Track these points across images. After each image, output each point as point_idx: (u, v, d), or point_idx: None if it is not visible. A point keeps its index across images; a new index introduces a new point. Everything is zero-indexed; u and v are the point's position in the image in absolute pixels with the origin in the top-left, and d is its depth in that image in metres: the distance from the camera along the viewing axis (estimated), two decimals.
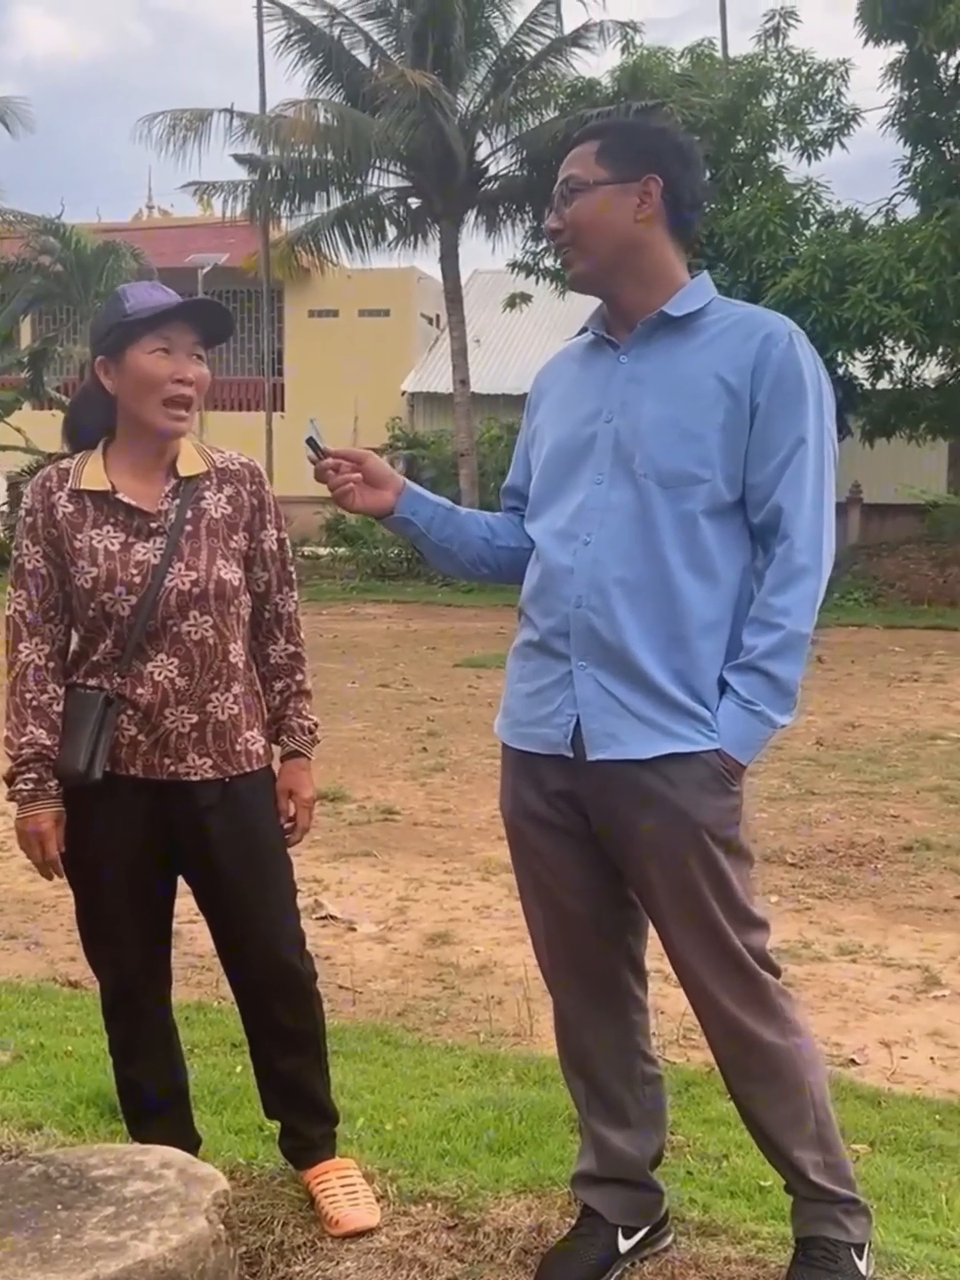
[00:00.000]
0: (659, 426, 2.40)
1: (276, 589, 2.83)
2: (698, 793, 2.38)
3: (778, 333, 2.40)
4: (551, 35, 23.19)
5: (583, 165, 2.47)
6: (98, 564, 2.65)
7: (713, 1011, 2.49)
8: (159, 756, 2.69)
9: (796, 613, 2.36)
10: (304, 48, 23.06)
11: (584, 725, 2.42)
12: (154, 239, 29.77)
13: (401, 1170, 2.94)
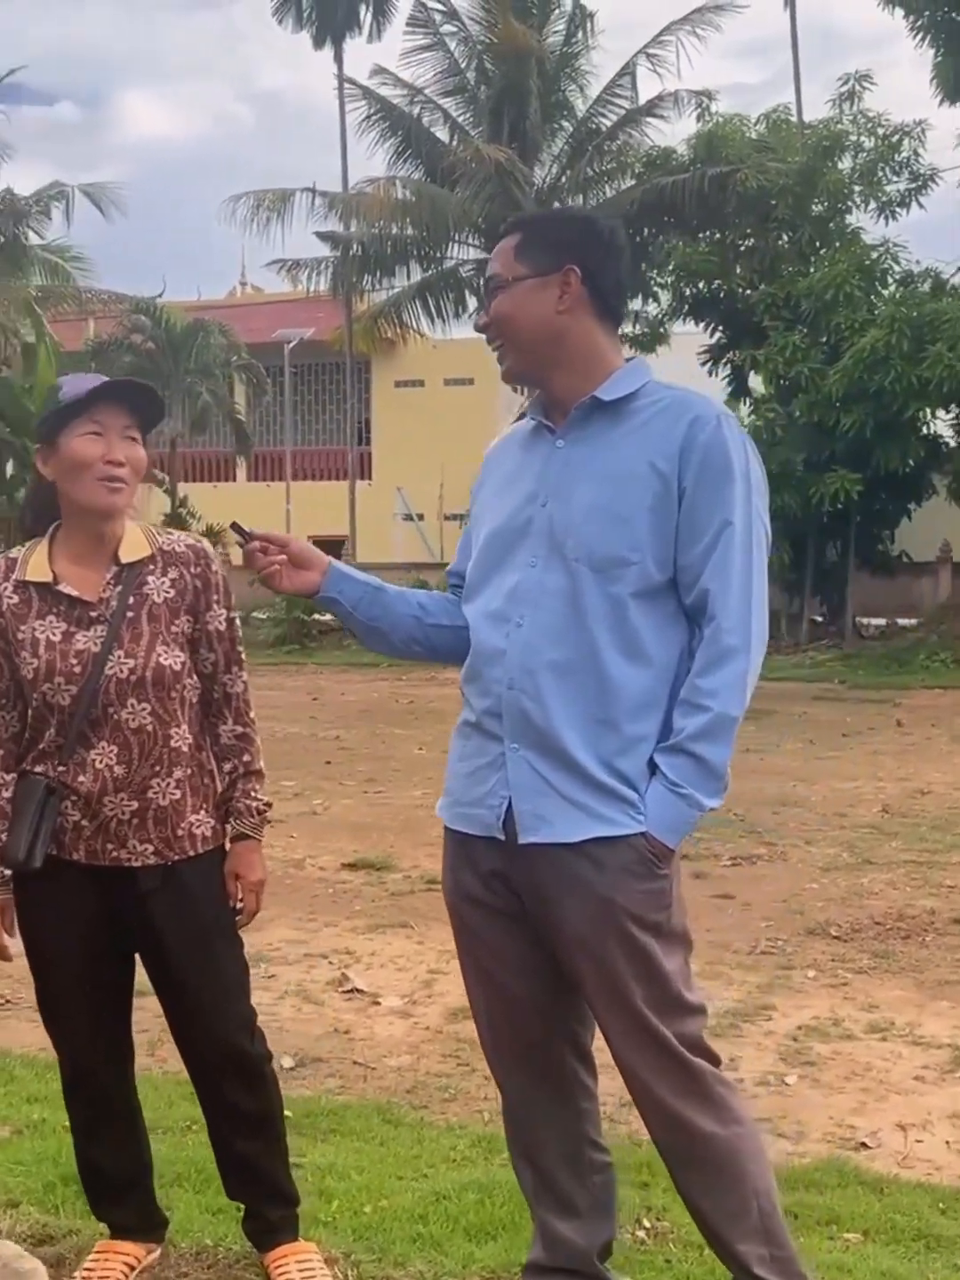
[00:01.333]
0: (590, 511, 2.43)
1: (224, 669, 2.84)
2: (623, 877, 2.37)
3: (704, 416, 2.41)
4: (627, 106, 23.50)
5: (503, 262, 2.51)
6: (39, 655, 2.70)
7: (648, 1100, 2.47)
8: (101, 842, 2.72)
9: (724, 694, 2.36)
10: (384, 126, 23.61)
11: (515, 807, 2.44)
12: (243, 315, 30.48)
13: (368, 1255, 2.92)
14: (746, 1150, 2.49)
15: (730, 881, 7.20)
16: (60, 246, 27.82)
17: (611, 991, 2.41)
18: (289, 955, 5.78)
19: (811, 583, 22.34)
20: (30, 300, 25.81)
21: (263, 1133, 2.88)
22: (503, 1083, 2.68)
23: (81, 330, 28.67)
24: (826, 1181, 3.55)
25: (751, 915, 6.53)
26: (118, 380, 2.77)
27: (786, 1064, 4.56)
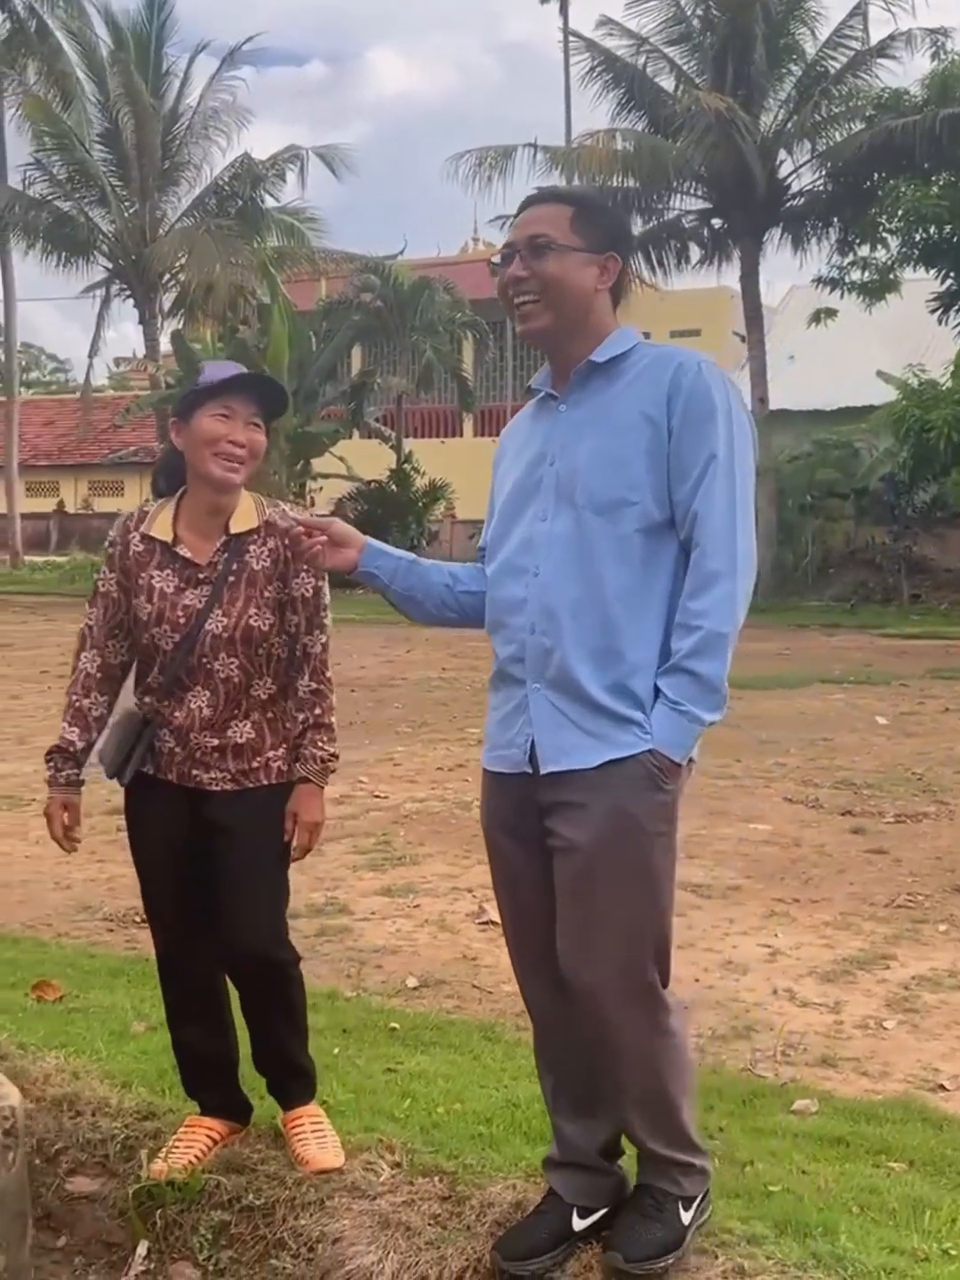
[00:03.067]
0: (593, 460, 2.68)
1: (306, 631, 3.19)
2: (633, 790, 2.61)
3: (688, 363, 2.67)
4: (857, 47, 22.83)
5: (556, 227, 2.71)
6: (152, 601, 3.11)
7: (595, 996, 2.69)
8: (189, 768, 3.15)
9: (714, 613, 2.58)
10: (608, 78, 23.53)
11: (537, 741, 2.69)
12: (469, 272, 30.84)
13: (426, 1147, 3.22)
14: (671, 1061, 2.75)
15: (887, 837, 7.23)
16: (295, 208, 28.68)
17: (616, 906, 2.63)
18: (438, 888, 6.13)
19: None
20: (266, 262, 26.78)
21: (286, 1021, 3.27)
22: (527, 996, 2.93)
23: (314, 290, 29.57)
24: (889, 1116, 3.69)
25: (900, 870, 6.57)
26: (250, 373, 3.17)
27: (890, 1010, 4.66)
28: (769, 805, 8.04)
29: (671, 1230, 2.74)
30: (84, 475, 43.67)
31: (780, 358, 30.15)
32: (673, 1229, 2.74)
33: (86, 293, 29.21)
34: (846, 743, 10.28)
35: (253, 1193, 3.05)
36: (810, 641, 18.78)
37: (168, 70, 28.61)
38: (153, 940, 3.35)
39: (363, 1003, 4.55)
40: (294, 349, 25.24)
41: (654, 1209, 2.75)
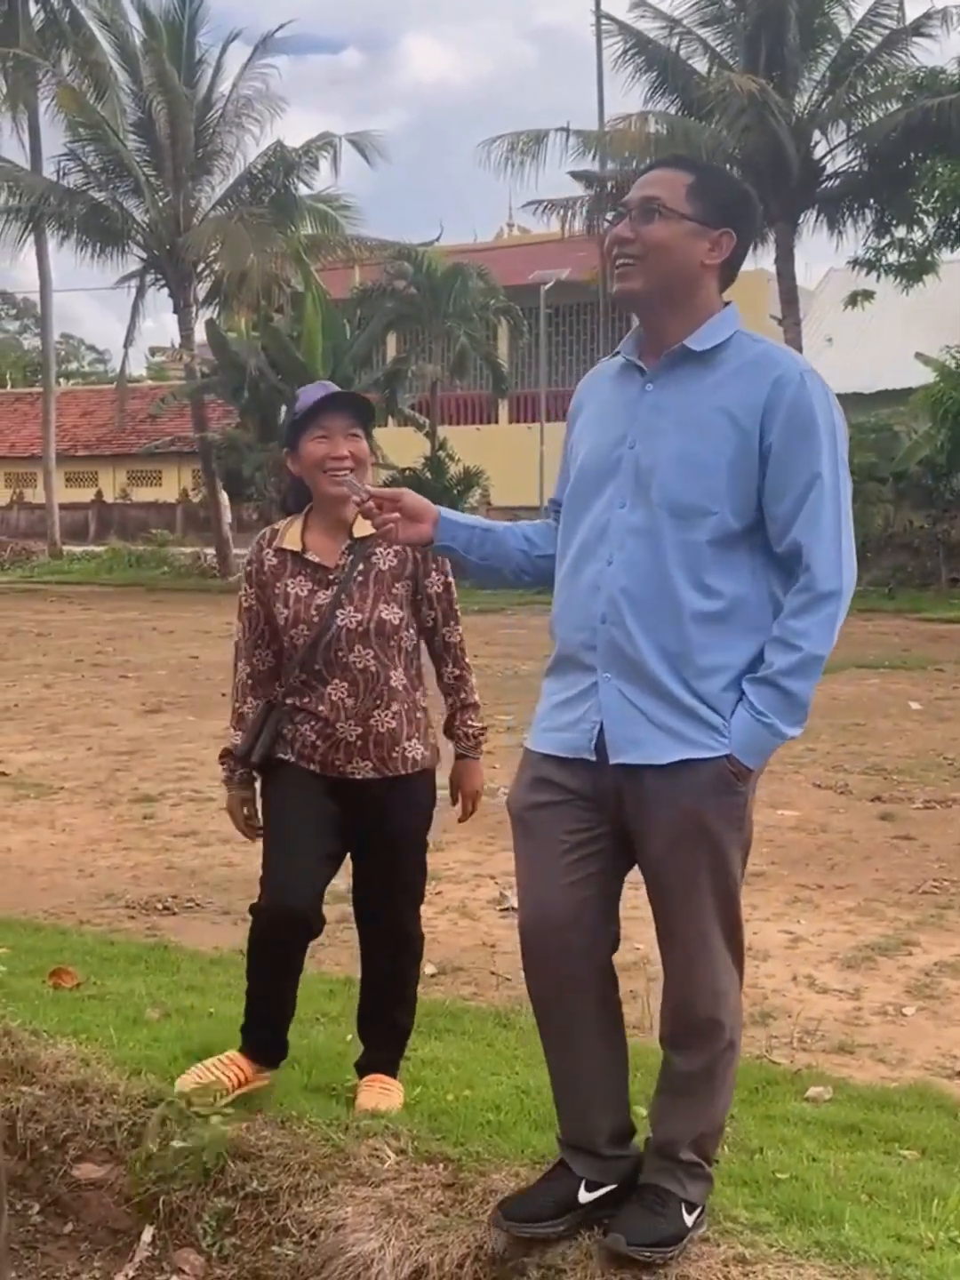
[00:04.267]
0: (674, 459, 2.61)
1: (444, 623, 3.50)
2: (707, 792, 2.61)
3: (789, 374, 2.58)
4: (893, 25, 22.56)
5: (671, 192, 2.64)
6: (289, 606, 3.43)
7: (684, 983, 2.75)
8: (331, 758, 3.42)
9: (815, 636, 2.58)
10: (640, 61, 23.38)
11: (607, 730, 2.66)
12: (503, 258, 30.82)
13: (433, 1134, 3.21)
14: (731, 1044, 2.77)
15: (916, 823, 7.17)
16: (329, 195, 28.62)
17: (688, 890, 2.66)
18: (461, 874, 6.13)
19: None
20: (300, 250, 26.77)
21: (399, 993, 3.58)
22: (534, 976, 2.85)
23: (347, 278, 29.55)
24: (904, 1103, 3.66)
25: (927, 857, 6.52)
26: (334, 393, 3.45)
27: (910, 996, 4.63)
28: (798, 791, 7.99)
29: (673, 1226, 2.72)
30: (122, 465, 43.85)
31: (817, 341, 29.92)
32: (674, 1225, 2.72)
33: (122, 283, 29.32)
34: (879, 728, 10.21)
35: (257, 1179, 3.05)
36: (847, 626, 17.81)
37: (200, 59, 28.56)
38: (260, 896, 3.50)
39: None
40: (328, 337, 25.18)
41: (658, 1204, 2.73)
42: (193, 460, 33.75)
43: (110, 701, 11.61)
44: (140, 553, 31.45)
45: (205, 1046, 3.71)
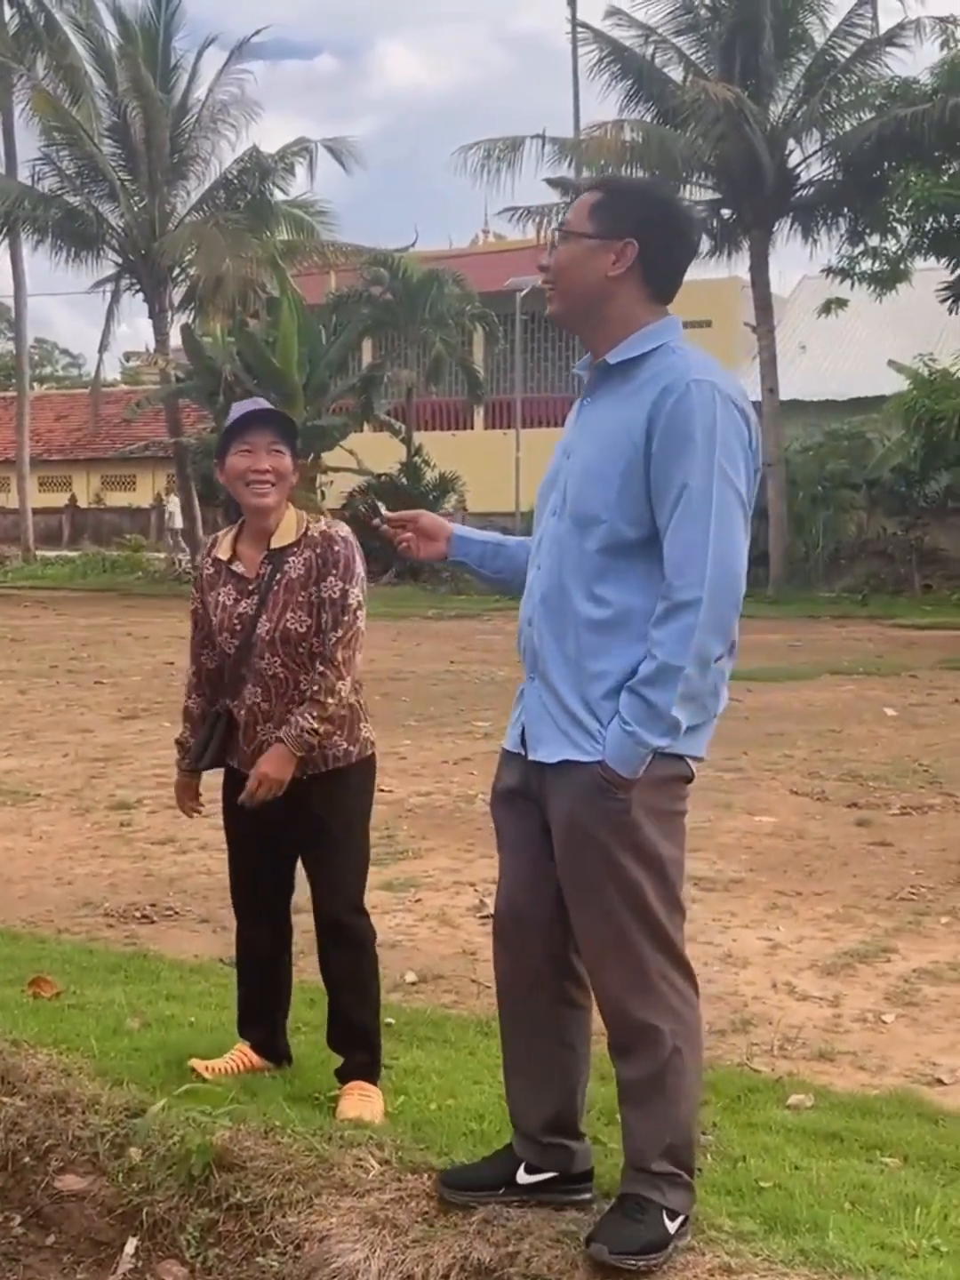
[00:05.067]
0: (582, 469, 2.74)
1: (331, 628, 3.53)
2: (583, 796, 2.69)
3: (675, 384, 2.62)
4: (866, 36, 22.71)
5: (576, 214, 2.77)
6: (217, 614, 3.62)
7: (602, 995, 2.82)
8: (255, 759, 3.54)
9: (669, 645, 2.60)
10: (616, 69, 23.44)
11: (526, 728, 2.84)
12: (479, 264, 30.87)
13: (416, 1144, 3.21)
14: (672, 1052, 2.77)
15: (892, 829, 7.20)
16: (304, 201, 28.58)
17: (586, 894, 2.74)
18: (440, 882, 6.12)
19: None
20: (275, 255, 26.71)
21: (356, 990, 3.62)
22: (497, 963, 2.98)
23: (323, 284, 29.52)
24: (885, 1110, 3.67)
25: (904, 863, 6.55)
26: (255, 410, 3.59)
27: (890, 1003, 4.64)
28: (775, 797, 8.01)
29: (655, 1233, 2.72)
30: (96, 470, 43.69)
31: (791, 348, 30.05)
32: (657, 1232, 2.72)
33: (96, 287, 29.24)
34: (854, 734, 10.24)
35: (241, 1190, 3.05)
36: (821, 632, 18.71)
37: (176, 64, 28.48)
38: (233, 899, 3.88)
39: None
40: (304, 342, 25.17)
41: (637, 1212, 2.74)
42: (167, 465, 33.64)
43: (85, 708, 11.55)
44: (114, 558, 31.34)
45: (186, 1056, 3.71)
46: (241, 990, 3.86)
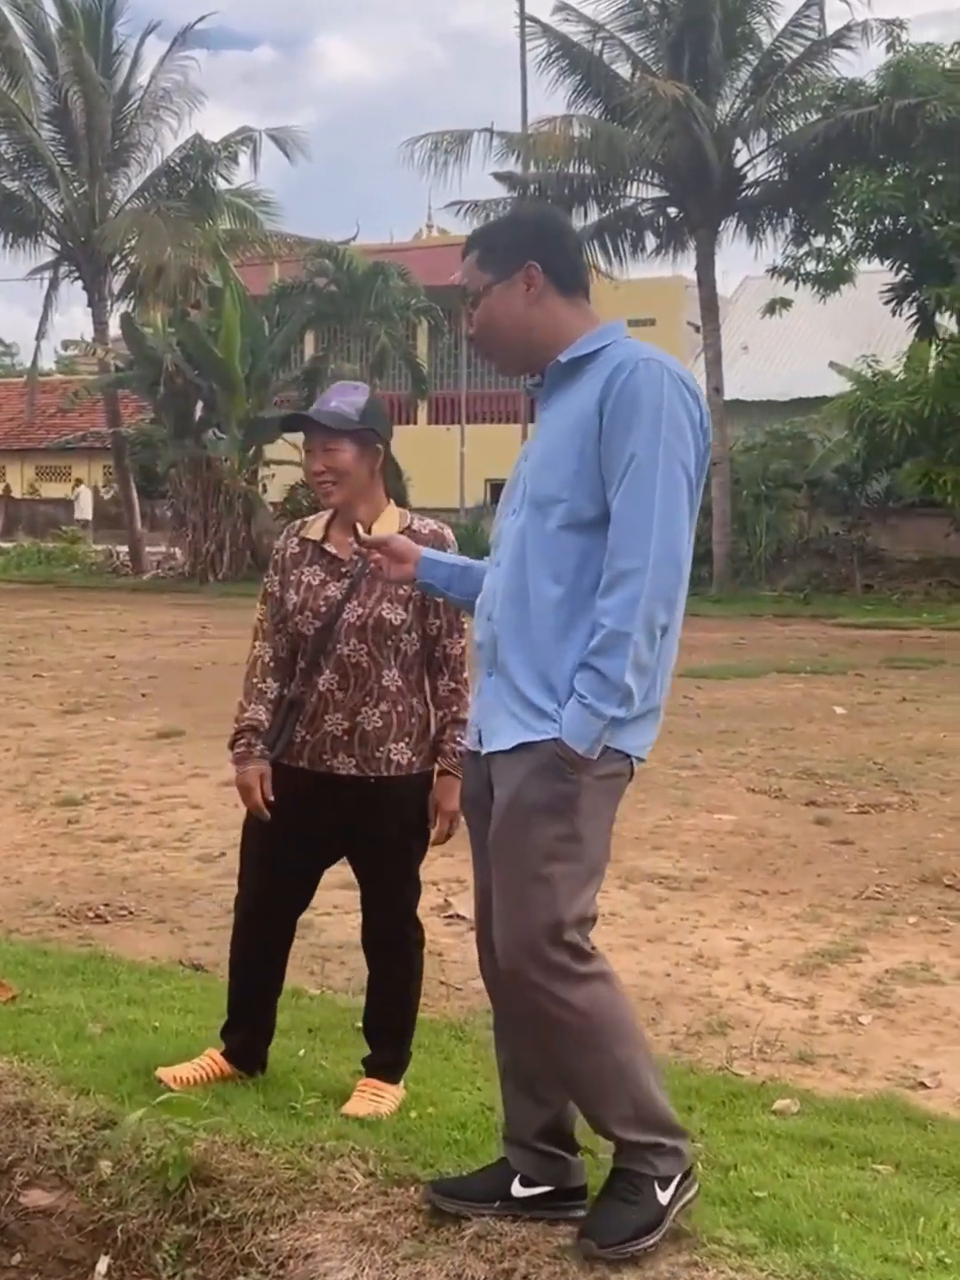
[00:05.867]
0: (539, 458, 2.77)
1: (446, 633, 3.49)
2: (535, 774, 2.65)
3: (626, 362, 2.65)
4: (814, 37, 22.78)
5: (470, 276, 2.82)
6: (298, 593, 3.50)
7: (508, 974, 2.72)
8: (318, 753, 3.44)
9: (616, 613, 2.59)
10: (564, 64, 23.36)
11: (480, 724, 2.81)
12: (424, 258, 30.66)
13: (400, 1155, 3.09)
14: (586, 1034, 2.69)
15: (853, 828, 7.17)
16: (248, 191, 28.24)
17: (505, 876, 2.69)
18: None
19: None
20: (218, 245, 26.39)
21: (396, 990, 3.58)
22: (482, 970, 2.91)
23: (266, 274, 29.19)
24: (873, 1116, 3.61)
25: (867, 862, 6.51)
26: (294, 415, 3.59)
27: (865, 1004, 4.59)
28: (733, 795, 7.97)
29: (648, 1211, 2.69)
30: (31, 460, 43.01)
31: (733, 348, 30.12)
32: (649, 1210, 2.69)
33: (34, 274, 28.71)
34: (806, 732, 10.23)
35: (219, 1206, 2.91)
36: (765, 631, 18.75)
37: (118, 49, 28.04)
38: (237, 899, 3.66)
39: (327, 1001, 4.42)
40: (246, 333, 24.87)
41: (629, 1191, 2.71)
42: (104, 456, 33.20)
43: (26, 701, 11.30)
44: (50, 549, 30.85)
45: (153, 1064, 3.56)
46: (234, 988, 3.68)
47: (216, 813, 7.27)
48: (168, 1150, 2.96)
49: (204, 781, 8.12)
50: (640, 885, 5.99)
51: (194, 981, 4.59)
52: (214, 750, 9.07)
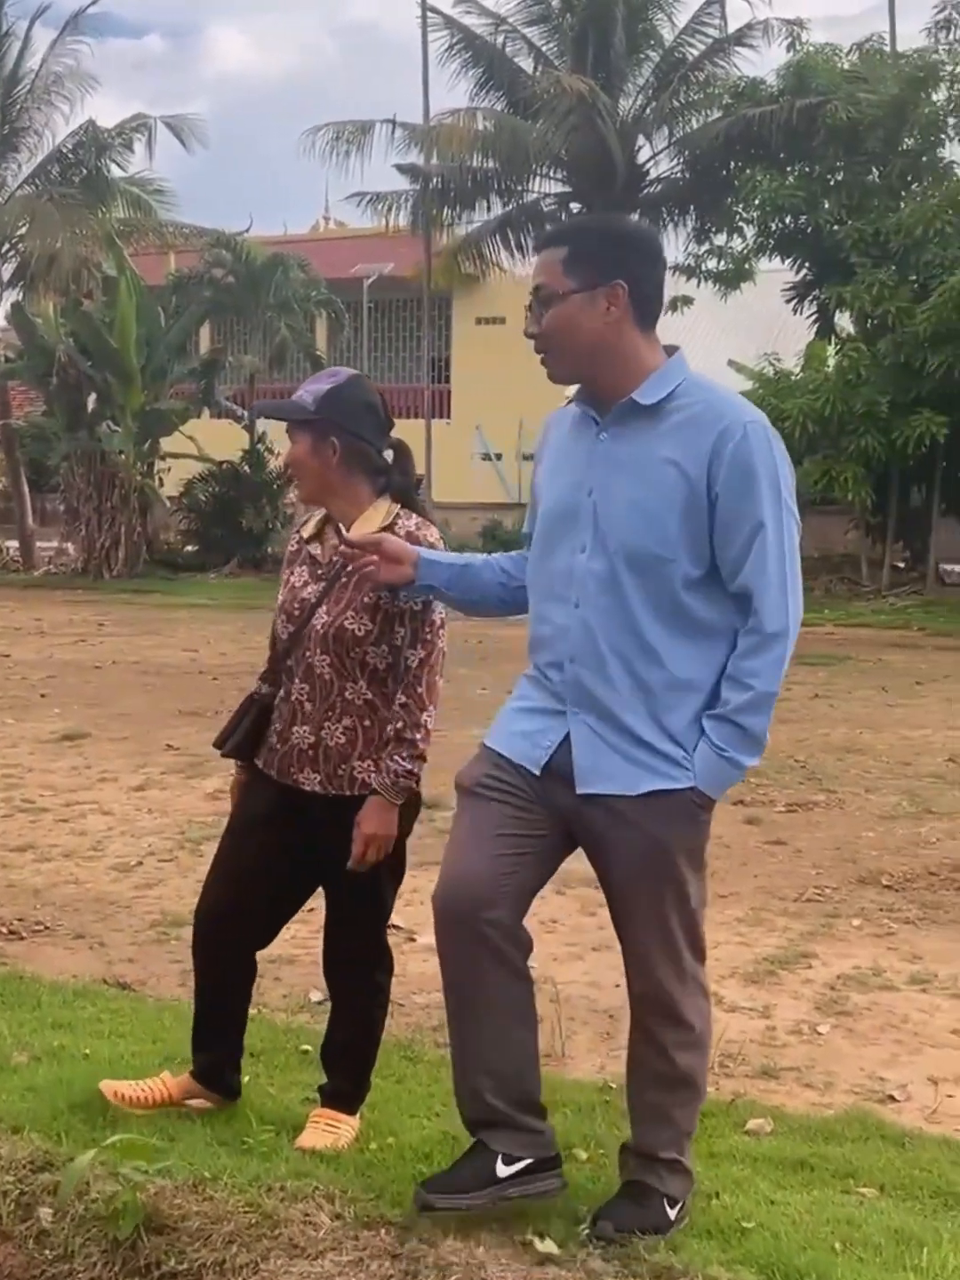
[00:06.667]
0: (628, 509, 2.72)
1: (409, 645, 3.19)
2: (674, 822, 2.77)
3: (732, 427, 2.68)
4: (715, 35, 22.87)
5: (551, 274, 2.75)
6: (283, 593, 3.31)
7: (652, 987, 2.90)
8: (285, 764, 3.26)
9: (765, 675, 2.71)
10: (466, 56, 23.21)
11: (575, 761, 2.79)
12: (324, 250, 30.29)
13: (365, 1194, 2.89)
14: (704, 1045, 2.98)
15: (784, 828, 7.09)
16: (143, 179, 27.60)
17: (651, 912, 2.82)
18: None
19: (894, 527, 21.87)
20: (112, 233, 25.78)
21: (360, 1022, 3.37)
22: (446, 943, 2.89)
23: (162, 264, 28.60)
24: (848, 1134, 3.48)
25: (802, 862, 6.43)
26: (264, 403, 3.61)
27: (821, 1013, 4.47)
28: None
29: (657, 1219, 2.81)
30: None
31: None
32: (658, 1218, 2.82)
33: None
34: None
35: (175, 1256, 2.67)
36: None
37: (8, 31, 27.21)
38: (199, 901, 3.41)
39: (267, 1021, 4.18)
40: (141, 324, 24.27)
41: (641, 1199, 2.83)
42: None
43: None
44: None
45: (89, 1096, 3.31)
46: (198, 1008, 3.44)
47: (129, 819, 6.98)
48: (119, 1196, 2.71)
49: (114, 786, 7.80)
50: (577, 890, 5.79)
51: (122, 1002, 4.33)
52: (121, 753, 8.77)
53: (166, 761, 8.46)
